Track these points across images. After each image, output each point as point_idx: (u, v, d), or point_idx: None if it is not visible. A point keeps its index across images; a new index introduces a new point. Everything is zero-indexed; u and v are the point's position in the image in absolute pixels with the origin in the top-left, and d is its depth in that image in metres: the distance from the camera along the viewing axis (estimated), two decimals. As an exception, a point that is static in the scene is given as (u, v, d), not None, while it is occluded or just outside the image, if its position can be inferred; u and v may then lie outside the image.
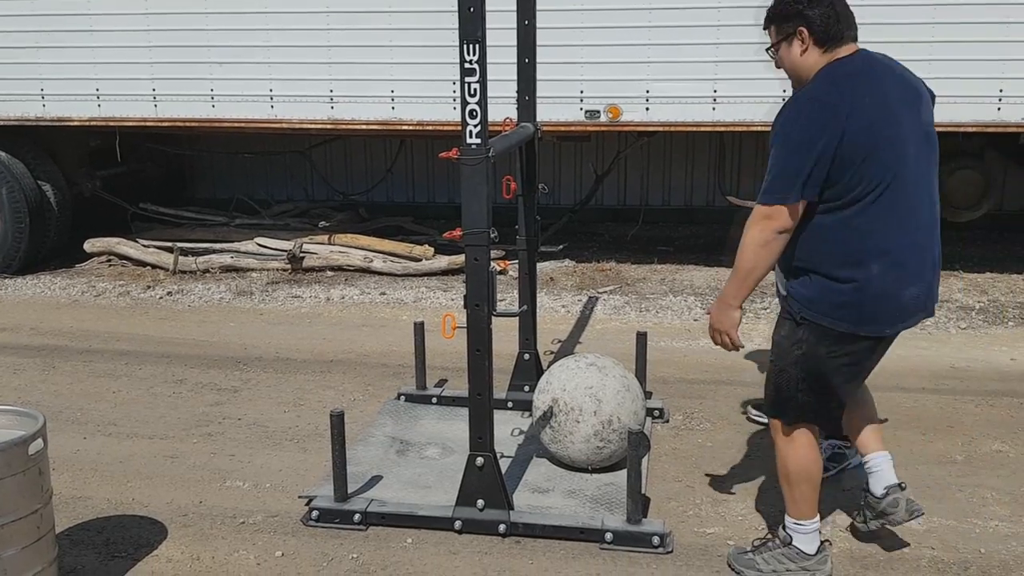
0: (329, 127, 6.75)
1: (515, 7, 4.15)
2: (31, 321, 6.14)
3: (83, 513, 3.56)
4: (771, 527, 3.32)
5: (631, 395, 3.70)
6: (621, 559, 3.19)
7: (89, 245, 7.53)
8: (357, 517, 3.40)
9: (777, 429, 2.99)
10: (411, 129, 6.61)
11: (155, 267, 7.37)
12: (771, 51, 2.89)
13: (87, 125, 6.97)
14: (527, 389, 4.36)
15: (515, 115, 4.28)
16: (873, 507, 3.17)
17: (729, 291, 2.82)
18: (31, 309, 6.44)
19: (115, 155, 7.45)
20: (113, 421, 4.47)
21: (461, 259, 4.04)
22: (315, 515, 3.44)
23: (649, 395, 4.42)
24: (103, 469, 3.95)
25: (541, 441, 3.80)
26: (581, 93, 6.29)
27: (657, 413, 4.36)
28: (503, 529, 3.31)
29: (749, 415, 4.41)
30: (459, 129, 3.10)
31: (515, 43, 4.18)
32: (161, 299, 6.67)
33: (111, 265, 7.51)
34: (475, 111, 3.07)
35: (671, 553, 3.21)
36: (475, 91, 3.06)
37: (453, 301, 6.40)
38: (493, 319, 3.23)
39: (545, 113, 5.28)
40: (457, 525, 3.34)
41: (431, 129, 6.53)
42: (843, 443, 3.73)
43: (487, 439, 3.30)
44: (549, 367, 3.94)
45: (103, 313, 6.35)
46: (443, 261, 7.09)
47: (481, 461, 3.31)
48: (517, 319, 4.37)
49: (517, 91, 4.24)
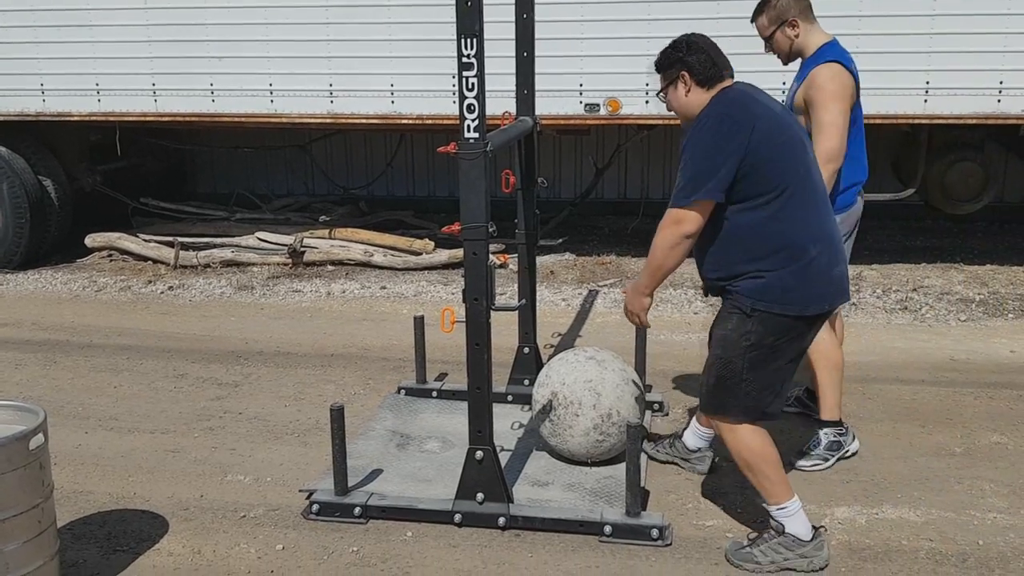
0: (329, 121, 6.76)
1: (513, 0, 4.14)
2: (32, 316, 6.15)
3: (85, 507, 3.58)
4: (767, 520, 3.33)
5: (630, 388, 3.71)
6: (620, 552, 3.20)
7: (90, 240, 7.53)
8: (357, 510, 3.42)
9: (720, 426, 3.14)
10: (411, 123, 6.61)
11: (156, 262, 7.38)
12: (660, 95, 3.19)
13: (87, 120, 6.98)
14: (527, 383, 4.37)
15: (514, 109, 4.28)
16: (680, 451, 3.78)
17: (642, 281, 3.18)
18: (32, 304, 6.45)
19: (115, 150, 7.46)
20: (114, 416, 4.48)
21: (461, 253, 4.04)
22: (315, 508, 3.45)
23: (649, 388, 4.43)
24: (104, 464, 3.97)
25: (541, 434, 3.81)
26: (580, 86, 6.29)
27: (657, 406, 4.37)
28: (503, 522, 3.33)
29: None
30: (458, 123, 3.10)
31: (514, 36, 4.17)
32: (162, 294, 6.68)
33: (112, 260, 7.52)
34: (473, 105, 3.06)
35: (670, 546, 3.23)
36: (473, 85, 3.05)
37: (453, 295, 6.40)
38: (492, 313, 3.24)
39: (544, 107, 5.28)
40: (457, 518, 3.35)
41: (431, 123, 6.54)
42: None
43: (487, 433, 3.31)
44: (549, 361, 3.94)
45: (104, 308, 6.36)
46: (443, 255, 7.10)
47: (481, 454, 3.32)
48: (516, 312, 4.38)
49: (516, 85, 4.24)
